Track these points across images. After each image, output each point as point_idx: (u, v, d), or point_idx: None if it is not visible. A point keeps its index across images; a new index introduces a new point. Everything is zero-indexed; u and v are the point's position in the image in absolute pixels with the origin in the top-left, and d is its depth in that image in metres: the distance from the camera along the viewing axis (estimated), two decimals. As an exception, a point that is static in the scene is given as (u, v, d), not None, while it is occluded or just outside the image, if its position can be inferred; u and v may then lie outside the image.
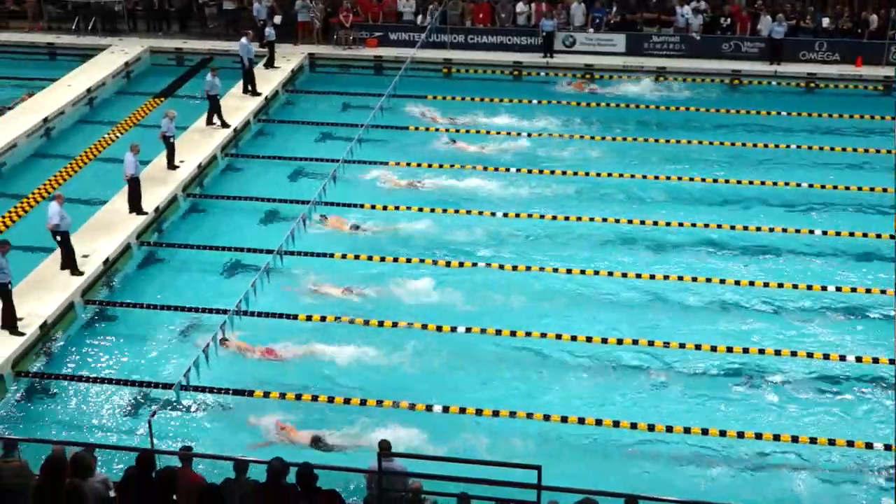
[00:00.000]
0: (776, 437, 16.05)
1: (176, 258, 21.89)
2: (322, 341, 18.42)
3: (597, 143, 27.29)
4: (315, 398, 16.92)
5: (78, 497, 9.33)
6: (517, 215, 23.07)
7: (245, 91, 29.72)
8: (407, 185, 24.74)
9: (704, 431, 16.21)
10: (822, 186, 24.48)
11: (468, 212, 23.26)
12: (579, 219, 22.92)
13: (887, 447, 15.82)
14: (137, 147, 22.35)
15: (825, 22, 33.06)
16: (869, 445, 15.92)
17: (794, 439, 16.05)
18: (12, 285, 18.27)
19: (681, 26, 33.60)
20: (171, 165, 24.77)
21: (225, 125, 27.42)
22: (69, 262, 20.14)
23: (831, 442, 16.06)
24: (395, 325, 18.96)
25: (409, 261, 21.11)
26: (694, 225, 22.59)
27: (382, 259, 21.20)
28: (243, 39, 29.49)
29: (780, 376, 17.71)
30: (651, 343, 18.38)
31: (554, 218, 23.01)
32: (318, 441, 15.90)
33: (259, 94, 29.70)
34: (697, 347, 18.30)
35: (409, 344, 18.35)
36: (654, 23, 34.27)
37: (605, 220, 22.88)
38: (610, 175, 25.07)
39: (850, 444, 16.00)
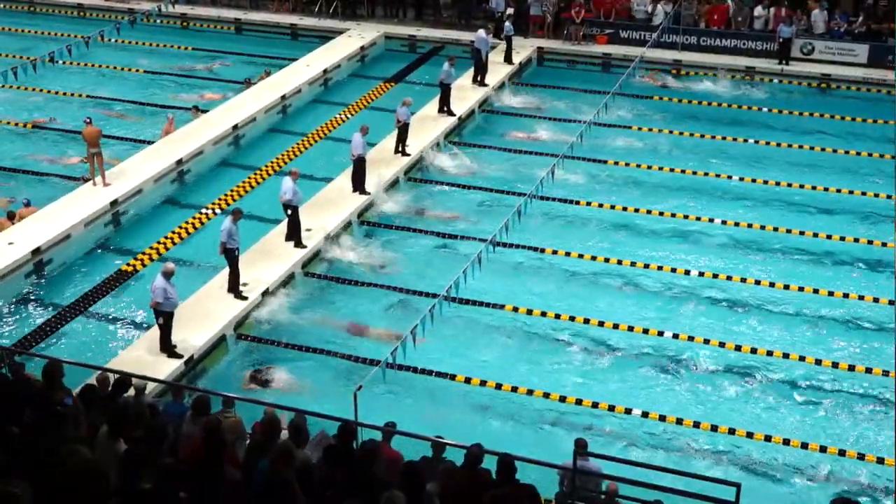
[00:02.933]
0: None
1: (394, 239, 22.52)
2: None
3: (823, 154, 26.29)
4: (499, 385, 17.16)
5: (288, 458, 9.81)
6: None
7: (475, 81, 30.19)
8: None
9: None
10: None
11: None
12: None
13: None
14: (366, 128, 23.12)
15: None
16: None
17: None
18: (240, 252, 19.34)
19: (931, 39, 31.76)
20: (402, 150, 25.47)
21: (451, 113, 27.97)
22: (294, 235, 21.10)
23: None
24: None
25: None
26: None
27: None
28: (481, 32, 29.97)
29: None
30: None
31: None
32: None
33: (486, 86, 30.09)
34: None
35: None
36: (902, 34, 32.53)
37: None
38: (852, 192, 24.16)
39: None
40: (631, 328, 18.93)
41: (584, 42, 34.04)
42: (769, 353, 18.20)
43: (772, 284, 20.33)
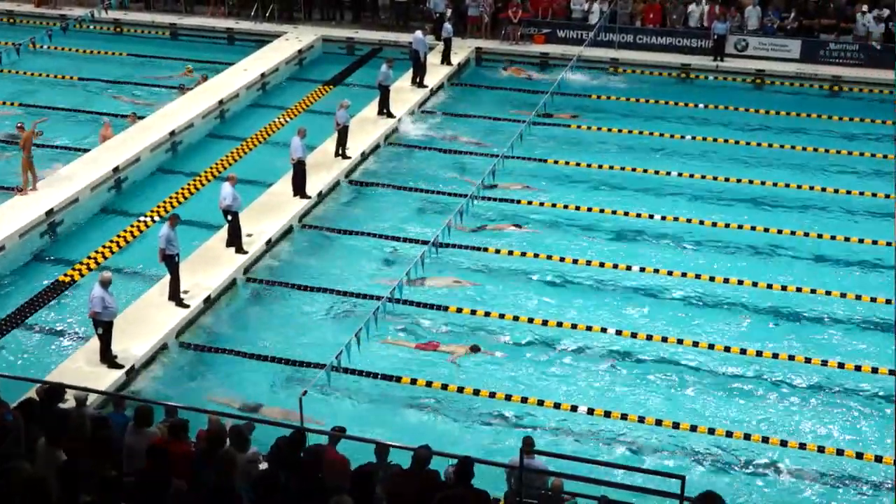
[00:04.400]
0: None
1: (336, 242, 22.42)
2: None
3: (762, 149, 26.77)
4: (461, 390, 17.18)
5: (232, 466, 9.72)
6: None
7: (413, 83, 30.18)
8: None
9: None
10: None
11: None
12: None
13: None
14: (304, 131, 23.01)
15: None
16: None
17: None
18: (180, 258, 19.12)
19: (861, 34, 32.36)
20: (342, 154, 25.37)
21: (390, 115, 27.93)
22: (235, 241, 20.91)
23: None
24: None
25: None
26: (874, 242, 21.91)
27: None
28: (419, 33, 29.99)
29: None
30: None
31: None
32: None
33: (425, 87, 30.11)
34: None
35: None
36: (833, 29, 33.09)
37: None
38: (788, 185, 24.54)
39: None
40: (574, 325, 19.01)
41: (522, 42, 34.19)
42: (710, 346, 18.42)
43: (712, 279, 20.54)
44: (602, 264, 21.06)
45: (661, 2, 34.33)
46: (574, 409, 16.77)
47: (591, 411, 16.71)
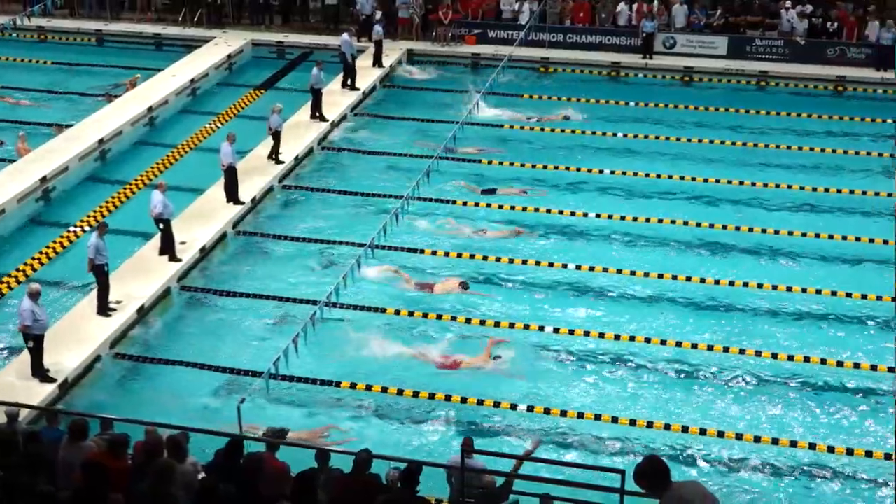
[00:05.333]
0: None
1: (271, 248, 22.22)
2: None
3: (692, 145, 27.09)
4: (401, 392, 17.15)
5: (169, 475, 9.56)
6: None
7: (344, 86, 30.04)
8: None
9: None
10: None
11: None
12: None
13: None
14: (234, 136, 22.82)
15: (937, 28, 32.16)
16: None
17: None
18: (110, 268, 18.78)
19: (785, 30, 32.94)
20: (276, 158, 25.16)
21: (323, 119, 27.77)
22: (168, 249, 20.63)
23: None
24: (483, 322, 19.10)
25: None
26: (804, 234, 22.37)
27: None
28: (345, 35, 29.88)
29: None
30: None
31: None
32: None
33: (357, 90, 29.99)
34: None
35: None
36: (758, 26, 33.64)
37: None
38: (719, 180, 24.91)
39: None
40: (512, 324, 19.06)
41: (453, 43, 34.25)
42: (647, 340, 18.60)
43: (646, 274, 20.72)
44: (538, 262, 21.18)
45: (590, 1, 34.63)
46: (514, 407, 16.82)
47: (530, 409, 16.79)
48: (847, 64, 31.99)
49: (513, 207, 23.55)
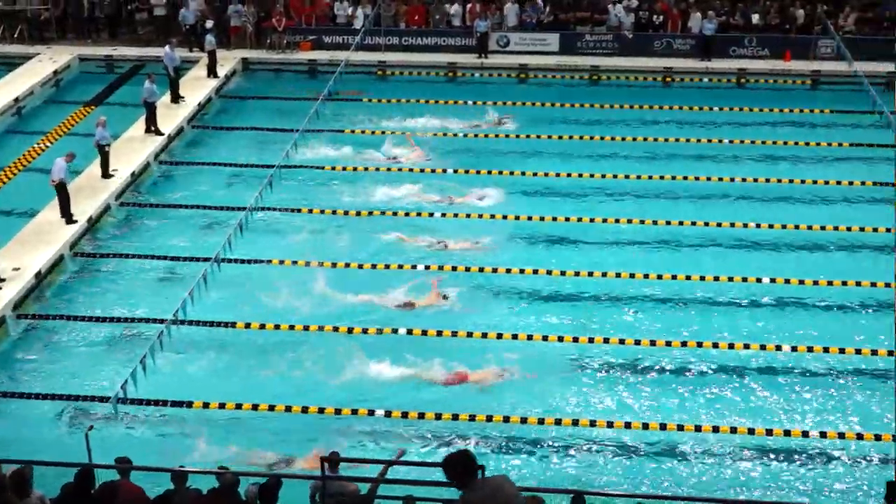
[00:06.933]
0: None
1: (111, 268, 21.51)
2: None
3: (531, 141, 27.58)
4: (255, 407, 16.84)
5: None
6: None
7: (173, 99, 29.32)
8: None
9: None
10: (755, 180, 24.93)
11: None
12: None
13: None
14: (73, 155, 22.36)
15: (754, 18, 33.61)
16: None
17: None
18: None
19: (613, 25, 33.91)
20: (106, 174, 24.37)
21: (158, 133, 27.05)
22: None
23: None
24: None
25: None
26: (642, 222, 23.00)
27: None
28: (167, 48, 29.17)
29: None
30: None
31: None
32: None
33: (177, 102, 29.25)
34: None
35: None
36: (587, 22, 34.52)
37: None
38: (547, 175, 25.33)
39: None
40: (380, 330, 18.84)
41: (288, 50, 33.91)
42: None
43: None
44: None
45: (424, 3, 34.84)
46: (371, 412, 16.73)
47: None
48: (673, 55, 33.18)
49: (353, 213, 23.45)
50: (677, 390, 17.49)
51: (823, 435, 16.22)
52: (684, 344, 18.45)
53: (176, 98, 29.35)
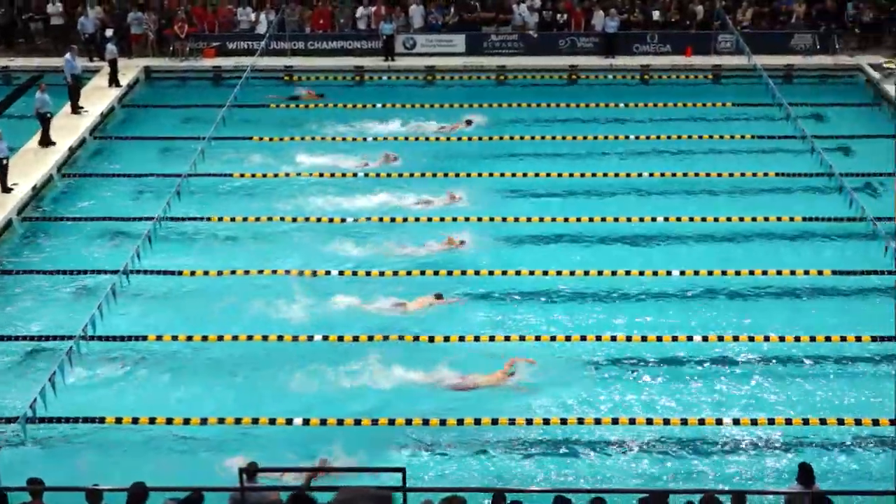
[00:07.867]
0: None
1: (15, 285, 20.91)
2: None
3: (443, 143, 27.64)
4: (187, 421, 16.56)
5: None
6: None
7: (73, 109, 28.67)
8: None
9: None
10: (661, 174, 25.34)
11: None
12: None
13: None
14: None
15: (655, 15, 34.20)
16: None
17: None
18: None
19: (518, 24, 34.18)
20: (5, 188, 23.71)
21: (50, 143, 26.32)
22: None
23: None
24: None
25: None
26: (542, 219, 23.17)
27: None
28: (67, 55, 28.54)
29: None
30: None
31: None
32: None
33: (81, 108, 28.70)
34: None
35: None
36: (492, 22, 34.73)
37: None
38: (470, 174, 25.42)
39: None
40: (310, 337, 18.69)
41: (192, 57, 33.43)
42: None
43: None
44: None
45: (329, 6, 34.67)
46: (289, 422, 16.60)
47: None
48: (578, 53, 33.57)
49: (265, 219, 23.24)
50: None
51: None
52: (613, 339, 18.67)
53: (76, 108, 28.71)
